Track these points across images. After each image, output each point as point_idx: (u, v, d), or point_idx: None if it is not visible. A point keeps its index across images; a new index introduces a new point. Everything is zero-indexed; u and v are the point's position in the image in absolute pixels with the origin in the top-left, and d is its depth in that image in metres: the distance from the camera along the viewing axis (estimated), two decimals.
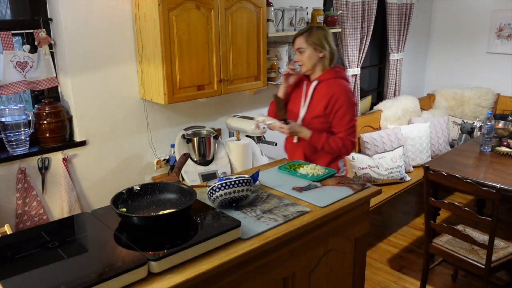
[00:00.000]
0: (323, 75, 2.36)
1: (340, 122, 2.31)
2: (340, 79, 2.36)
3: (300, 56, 2.35)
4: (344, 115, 2.29)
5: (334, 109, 2.29)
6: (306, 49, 2.32)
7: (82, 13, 2.47)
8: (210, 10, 2.68)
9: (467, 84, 5.14)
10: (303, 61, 2.35)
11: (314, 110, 2.35)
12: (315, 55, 2.33)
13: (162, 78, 2.56)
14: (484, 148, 3.35)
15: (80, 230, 1.47)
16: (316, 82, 2.36)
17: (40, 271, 1.19)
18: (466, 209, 2.44)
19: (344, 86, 2.34)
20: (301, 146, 2.41)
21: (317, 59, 2.34)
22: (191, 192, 1.50)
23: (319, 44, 2.32)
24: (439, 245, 2.68)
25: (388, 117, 4.29)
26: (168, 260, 1.24)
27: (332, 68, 2.37)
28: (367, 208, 1.91)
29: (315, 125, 2.34)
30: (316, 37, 2.31)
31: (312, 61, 2.34)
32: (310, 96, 2.37)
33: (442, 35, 5.35)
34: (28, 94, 2.66)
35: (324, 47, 2.33)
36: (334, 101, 2.29)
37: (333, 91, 2.30)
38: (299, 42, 2.34)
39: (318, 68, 2.37)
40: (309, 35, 2.32)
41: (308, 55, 2.33)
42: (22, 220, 2.45)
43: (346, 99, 2.30)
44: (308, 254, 1.67)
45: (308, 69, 2.37)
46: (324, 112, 2.31)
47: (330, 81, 2.33)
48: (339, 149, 2.30)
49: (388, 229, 3.88)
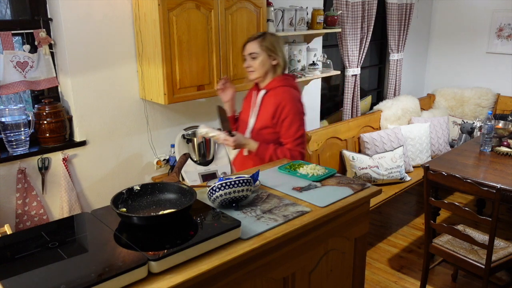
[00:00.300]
0: (271, 83, 2.25)
1: (287, 132, 2.21)
2: (289, 87, 2.25)
3: (252, 62, 2.22)
4: (291, 124, 2.19)
5: (280, 118, 2.19)
6: (259, 55, 2.20)
7: (82, 13, 2.48)
8: (210, 10, 2.68)
9: (467, 84, 5.14)
10: (254, 67, 2.22)
11: (262, 120, 2.25)
12: (268, 61, 2.22)
13: (162, 78, 2.56)
14: (484, 148, 3.35)
15: (80, 230, 1.47)
16: (264, 91, 2.26)
17: (40, 271, 1.19)
18: (466, 209, 2.44)
19: (292, 94, 2.23)
20: (251, 159, 2.28)
21: (270, 66, 2.23)
22: (191, 192, 1.50)
23: (273, 50, 2.21)
24: (439, 245, 2.68)
25: (388, 117, 4.29)
26: (168, 260, 1.24)
27: (281, 76, 2.26)
28: (367, 208, 1.91)
29: (264, 135, 2.24)
30: (270, 42, 2.21)
31: (264, 68, 2.22)
32: (258, 105, 2.27)
33: (442, 35, 5.35)
34: (28, 94, 2.66)
35: (277, 54, 2.22)
36: (280, 110, 2.19)
37: (279, 99, 2.20)
38: (252, 47, 2.21)
39: (269, 76, 2.26)
40: (263, 40, 2.20)
41: (261, 61, 2.20)
42: (22, 220, 2.45)
43: (293, 108, 2.19)
44: (308, 254, 1.67)
45: (259, 76, 2.24)
46: (272, 121, 2.22)
47: (278, 90, 2.23)
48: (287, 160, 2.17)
49: (388, 229, 3.88)
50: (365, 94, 4.86)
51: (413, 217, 4.08)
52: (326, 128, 3.70)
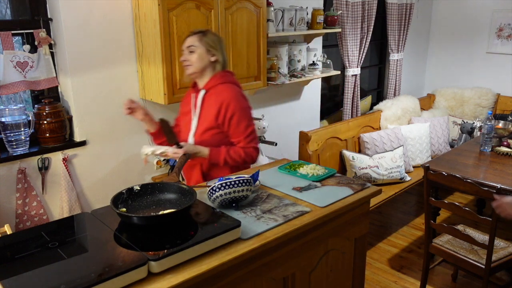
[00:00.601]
0: (210, 82, 2.13)
1: (237, 130, 2.10)
2: (229, 83, 2.15)
3: (189, 56, 2.09)
4: (239, 122, 2.09)
5: (227, 118, 2.08)
6: (197, 48, 2.08)
7: (82, 13, 2.48)
8: (210, 10, 2.68)
9: (467, 84, 5.14)
10: (192, 61, 2.09)
11: (205, 121, 2.13)
12: (207, 57, 2.09)
13: (162, 78, 2.56)
14: (484, 148, 3.35)
15: (80, 230, 1.47)
16: (203, 91, 2.14)
17: (40, 271, 1.19)
18: (466, 209, 2.44)
19: (234, 90, 2.13)
20: (196, 164, 2.18)
21: (208, 63, 2.11)
22: (191, 192, 1.50)
23: (213, 46, 2.10)
24: (439, 245, 2.68)
25: (388, 117, 4.29)
26: (168, 260, 1.24)
27: (219, 73, 2.14)
28: (367, 208, 1.91)
29: (209, 138, 2.12)
30: (211, 39, 2.11)
31: (202, 63, 2.09)
32: (199, 107, 2.15)
33: (442, 35, 5.35)
34: (28, 94, 2.66)
35: (217, 50, 2.11)
36: (225, 109, 2.07)
37: (222, 97, 2.09)
38: (191, 40, 2.10)
39: (207, 73, 2.14)
40: (203, 35, 2.10)
41: (199, 55, 2.08)
42: (22, 220, 2.45)
43: (238, 105, 2.09)
44: (308, 254, 1.67)
45: (195, 71, 2.11)
46: (216, 122, 2.10)
47: (218, 87, 2.12)
48: (243, 159, 2.11)
49: (388, 229, 3.88)
50: (365, 94, 4.86)
51: (413, 217, 4.08)
52: (326, 128, 3.70)
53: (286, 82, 3.35)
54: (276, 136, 3.60)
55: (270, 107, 3.68)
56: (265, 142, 3.09)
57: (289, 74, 3.49)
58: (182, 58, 2.13)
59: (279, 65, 3.36)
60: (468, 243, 2.63)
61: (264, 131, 2.98)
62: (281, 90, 3.73)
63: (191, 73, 2.12)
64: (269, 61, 3.23)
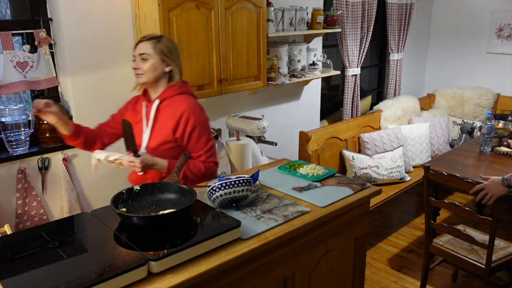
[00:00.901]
0: (165, 92, 1.99)
1: (197, 144, 1.98)
2: (186, 94, 2.02)
3: (142, 64, 1.93)
4: (200, 136, 1.97)
5: (187, 131, 1.95)
6: (151, 57, 1.92)
7: (82, 13, 2.48)
8: (210, 10, 2.68)
9: (467, 84, 5.14)
10: (144, 70, 1.93)
11: (159, 135, 1.98)
12: (161, 67, 1.95)
13: None
14: (484, 148, 3.35)
15: (80, 230, 1.47)
16: (157, 101, 1.99)
17: (40, 271, 1.19)
18: (466, 209, 2.44)
19: (192, 102, 2.00)
20: (150, 178, 1.99)
21: (161, 73, 1.97)
22: (191, 192, 1.50)
23: (168, 55, 1.96)
24: (439, 245, 2.68)
25: (388, 117, 4.29)
26: (168, 260, 1.24)
27: (175, 83, 2.00)
28: (367, 208, 1.91)
29: (163, 152, 1.96)
30: (166, 46, 1.96)
31: (155, 73, 1.95)
32: (153, 119, 1.99)
33: (442, 35, 5.35)
34: (28, 94, 2.66)
35: (172, 60, 1.97)
36: (184, 122, 1.94)
37: (181, 110, 1.94)
38: (145, 47, 1.94)
39: (161, 84, 1.99)
40: (158, 42, 1.94)
41: (152, 65, 1.93)
42: (22, 220, 2.45)
43: (198, 118, 1.97)
44: (308, 254, 1.67)
45: (147, 81, 1.96)
46: (174, 136, 1.96)
47: (175, 99, 1.98)
48: (203, 174, 1.98)
49: (388, 229, 3.88)
50: (365, 94, 4.86)
51: (413, 217, 4.08)
52: (326, 128, 3.70)
53: (286, 82, 3.35)
54: (276, 136, 3.60)
55: (270, 107, 3.68)
56: (265, 142, 3.09)
57: (289, 74, 3.49)
58: (134, 66, 1.96)
59: (279, 65, 3.36)
60: (468, 243, 2.63)
61: (264, 131, 2.98)
62: (281, 90, 3.73)
63: (143, 82, 1.97)
64: (269, 61, 3.23)
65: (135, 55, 1.97)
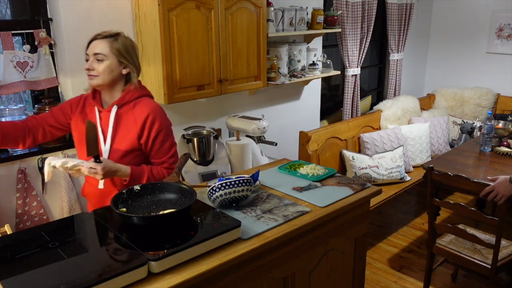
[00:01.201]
0: (124, 97, 1.81)
1: (161, 150, 1.85)
2: (147, 97, 1.88)
3: (96, 65, 1.76)
4: (164, 141, 1.85)
5: (151, 137, 1.81)
6: (107, 58, 1.75)
7: (82, 13, 2.48)
8: (210, 10, 2.68)
9: (467, 84, 5.14)
10: (98, 72, 1.76)
11: (122, 143, 1.81)
12: (118, 69, 1.79)
13: (162, 78, 2.56)
14: (484, 148, 3.36)
15: (80, 230, 1.47)
16: (115, 107, 1.81)
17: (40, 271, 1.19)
18: (472, 209, 2.44)
19: (155, 105, 1.85)
20: (112, 192, 1.81)
21: (118, 75, 1.80)
22: (191, 192, 1.50)
23: (126, 55, 1.79)
24: (443, 245, 2.68)
25: (388, 117, 4.29)
26: (168, 260, 1.24)
27: (134, 86, 1.84)
28: (367, 208, 1.91)
29: (127, 162, 1.80)
30: (124, 46, 1.79)
31: (111, 76, 1.78)
32: (112, 126, 1.81)
33: (442, 35, 5.35)
34: (28, 94, 2.66)
35: (130, 62, 1.81)
36: (149, 127, 1.80)
37: (144, 114, 1.80)
38: (100, 46, 1.76)
39: (118, 87, 1.83)
40: (115, 41, 1.77)
41: (108, 66, 1.76)
42: (22, 220, 2.45)
43: (163, 122, 1.84)
44: (308, 254, 1.67)
45: (102, 84, 1.79)
46: (139, 142, 1.81)
47: (135, 102, 1.83)
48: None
49: (388, 229, 3.88)
50: (365, 94, 4.86)
51: (413, 217, 4.08)
52: (326, 128, 3.70)
53: (286, 82, 3.35)
54: (276, 136, 3.60)
55: (270, 107, 3.68)
56: (265, 142, 3.09)
57: (289, 74, 3.49)
58: (87, 66, 1.78)
59: (279, 65, 3.36)
60: (470, 243, 2.64)
61: (264, 131, 2.98)
62: (281, 90, 3.73)
63: (97, 85, 1.80)
64: (269, 61, 3.23)
65: (88, 54, 1.79)
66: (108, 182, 1.81)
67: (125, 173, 1.75)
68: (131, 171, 1.76)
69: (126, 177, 1.76)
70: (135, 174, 1.77)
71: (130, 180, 1.76)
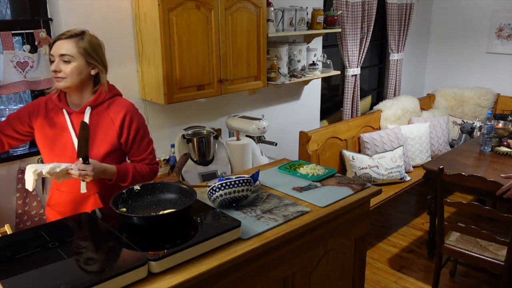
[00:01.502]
0: (98, 98, 1.77)
1: (141, 147, 1.83)
2: (119, 96, 1.86)
3: (64, 66, 1.67)
4: (143, 138, 1.83)
5: (131, 135, 1.79)
6: (74, 59, 1.68)
7: (82, 13, 2.48)
8: (210, 10, 2.68)
9: (467, 84, 5.14)
10: (66, 74, 1.68)
11: (102, 145, 1.76)
12: (86, 70, 1.72)
13: (162, 78, 2.56)
14: (484, 148, 3.36)
15: (80, 230, 1.47)
16: (89, 108, 1.75)
17: (40, 271, 1.19)
18: (487, 208, 2.45)
19: (130, 104, 1.83)
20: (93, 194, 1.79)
21: (87, 76, 1.74)
22: (191, 192, 1.50)
23: (94, 55, 1.73)
24: (451, 245, 2.68)
25: (388, 117, 4.29)
26: (168, 260, 1.24)
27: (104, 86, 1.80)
28: (367, 208, 1.91)
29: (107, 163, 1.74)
30: (90, 45, 1.72)
31: (80, 77, 1.71)
32: None
33: (442, 35, 5.35)
34: (28, 94, 2.66)
35: (99, 62, 1.76)
36: (128, 126, 1.77)
37: (122, 113, 1.77)
38: (66, 46, 1.67)
39: (87, 88, 1.77)
40: (81, 41, 1.70)
41: (76, 68, 1.69)
42: (22, 220, 2.45)
43: (140, 120, 1.83)
44: (308, 254, 1.67)
45: (70, 86, 1.71)
46: (119, 142, 1.78)
47: (111, 103, 1.80)
48: (149, 177, 1.88)
49: (388, 229, 3.88)
50: (365, 94, 4.86)
51: (413, 217, 4.08)
52: (326, 128, 3.70)
53: (286, 82, 3.35)
54: (276, 136, 3.60)
55: (270, 107, 3.68)
56: (265, 142, 3.09)
57: (289, 74, 3.49)
58: (53, 68, 1.69)
59: (279, 65, 3.36)
60: (475, 241, 2.65)
61: (264, 131, 2.98)
62: (281, 90, 3.73)
63: (65, 87, 1.72)
64: (269, 61, 3.23)
65: (53, 55, 1.69)
66: (90, 185, 1.75)
67: (111, 172, 1.72)
68: (117, 170, 1.74)
69: (112, 176, 1.73)
70: (121, 172, 1.75)
71: (116, 179, 1.74)
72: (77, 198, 1.78)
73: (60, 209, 1.83)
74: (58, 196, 1.83)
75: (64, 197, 1.81)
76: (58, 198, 1.83)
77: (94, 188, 1.78)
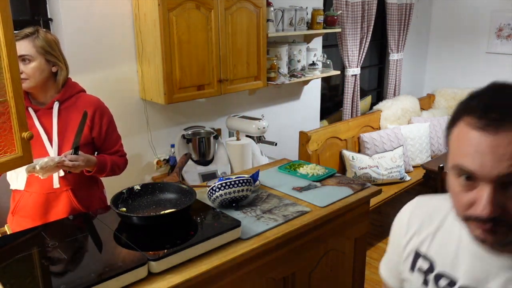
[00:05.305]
0: (65, 93, 1.78)
1: (112, 140, 1.88)
2: (83, 92, 1.88)
3: (24, 67, 1.66)
4: (114, 131, 1.90)
5: (103, 129, 1.83)
6: (34, 58, 1.68)
7: (82, 13, 2.48)
8: (210, 10, 2.68)
9: (467, 84, 5.14)
10: (28, 74, 1.67)
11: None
12: (47, 68, 1.72)
13: (162, 78, 2.56)
14: None
15: (80, 230, 1.47)
16: (57, 103, 1.75)
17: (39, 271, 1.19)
18: None
19: (97, 99, 1.87)
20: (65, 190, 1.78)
21: (49, 74, 1.74)
22: (191, 192, 1.50)
23: (51, 52, 1.73)
24: None
25: (388, 117, 4.29)
26: (168, 260, 1.24)
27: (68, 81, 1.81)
28: (367, 208, 1.91)
29: None
30: (46, 42, 1.71)
31: (42, 76, 1.71)
32: (57, 124, 1.75)
33: (442, 35, 5.35)
34: None
35: (58, 59, 1.76)
36: (99, 120, 1.81)
37: (92, 108, 1.80)
38: (23, 46, 1.67)
39: (51, 85, 1.76)
40: (36, 39, 1.69)
41: (37, 67, 1.69)
42: None
43: (109, 113, 1.88)
44: (308, 254, 1.67)
45: (34, 85, 1.71)
46: (91, 136, 1.81)
47: (78, 97, 1.82)
48: (124, 166, 1.94)
49: (388, 229, 3.86)
50: (365, 94, 4.86)
51: None
52: (326, 128, 3.70)
53: (286, 82, 3.35)
54: (276, 136, 3.60)
55: (270, 107, 3.68)
56: (265, 142, 3.09)
57: (289, 74, 3.49)
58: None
59: (279, 65, 3.36)
60: None
61: (264, 131, 2.98)
62: (281, 90, 3.73)
63: (29, 87, 1.71)
64: (269, 61, 3.23)
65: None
66: (63, 180, 1.76)
67: (93, 162, 1.75)
68: (97, 160, 1.77)
69: (93, 165, 1.75)
70: (100, 162, 1.78)
71: (97, 169, 1.77)
72: (48, 197, 1.77)
73: (28, 212, 1.78)
74: (27, 199, 1.78)
75: (34, 198, 1.77)
76: (27, 201, 1.78)
77: (67, 184, 1.78)
